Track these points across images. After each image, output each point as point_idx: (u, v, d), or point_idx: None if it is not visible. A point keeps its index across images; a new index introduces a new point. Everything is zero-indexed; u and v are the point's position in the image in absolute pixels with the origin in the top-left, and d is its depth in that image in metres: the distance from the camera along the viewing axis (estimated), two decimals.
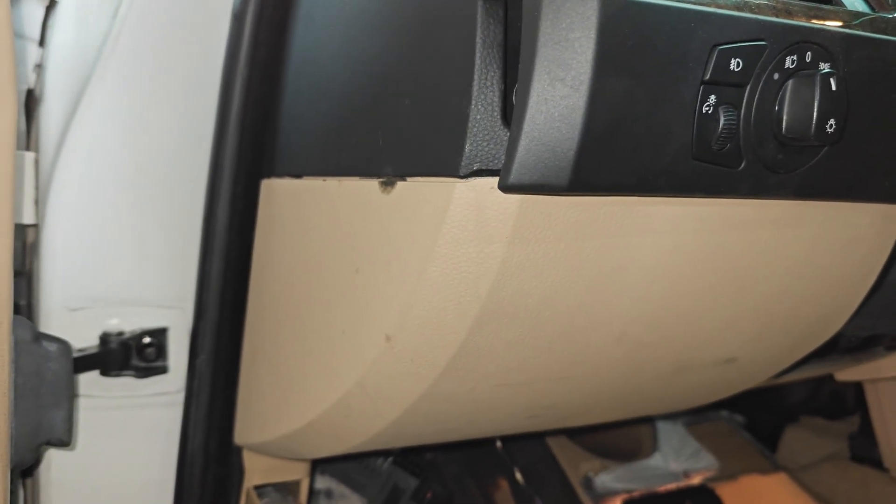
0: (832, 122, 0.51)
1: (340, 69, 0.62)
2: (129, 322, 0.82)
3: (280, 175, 0.72)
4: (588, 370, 0.64)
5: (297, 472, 0.88)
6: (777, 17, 0.53)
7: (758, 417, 1.51)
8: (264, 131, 0.73)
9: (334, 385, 0.63)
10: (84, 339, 0.80)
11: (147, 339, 0.82)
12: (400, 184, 0.55)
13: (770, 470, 1.31)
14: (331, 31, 0.64)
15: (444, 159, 0.51)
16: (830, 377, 1.20)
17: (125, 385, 0.82)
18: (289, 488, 0.90)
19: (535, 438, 1.24)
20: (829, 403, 1.43)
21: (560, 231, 0.52)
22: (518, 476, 1.16)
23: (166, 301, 0.83)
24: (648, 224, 0.55)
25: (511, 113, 0.49)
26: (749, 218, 0.59)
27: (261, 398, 0.75)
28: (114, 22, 0.77)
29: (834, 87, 0.51)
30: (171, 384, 0.84)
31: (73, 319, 0.80)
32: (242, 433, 0.79)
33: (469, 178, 0.50)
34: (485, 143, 0.50)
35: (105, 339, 0.80)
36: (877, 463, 1.31)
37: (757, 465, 1.32)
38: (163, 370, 0.83)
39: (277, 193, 0.72)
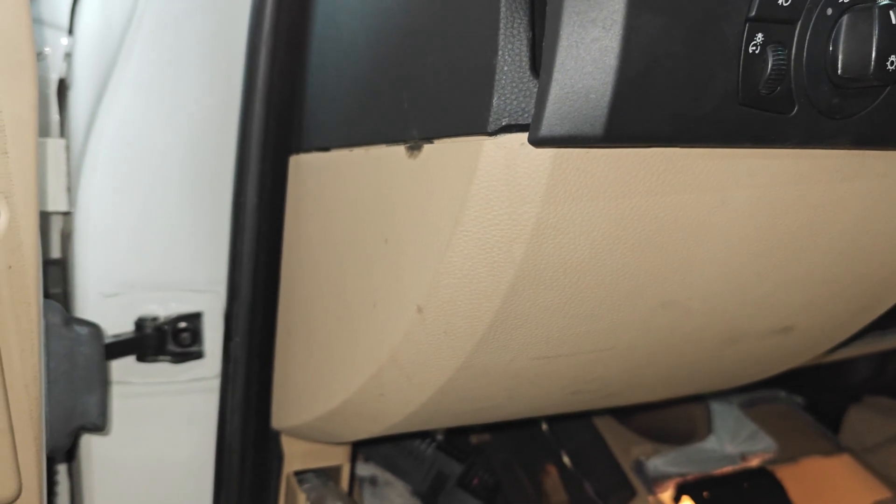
0: (893, 58, 0.47)
1: (362, 32, 0.60)
2: (164, 307, 0.81)
3: (308, 150, 0.70)
4: (632, 340, 0.61)
5: (338, 458, 0.86)
6: None
7: (819, 398, 1.45)
8: (291, 105, 0.71)
9: (367, 361, 0.61)
10: (120, 325, 0.79)
11: (182, 324, 0.81)
12: (427, 147, 0.53)
13: (833, 451, 1.25)
14: None
15: (470, 116, 0.48)
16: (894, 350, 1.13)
17: (162, 371, 0.82)
18: (329, 474, 0.88)
19: (583, 422, 1.20)
20: (895, 382, 1.36)
21: (597, 189, 0.49)
22: (566, 460, 1.13)
23: (200, 285, 0.82)
24: (693, 180, 0.51)
25: (539, 63, 0.46)
26: (803, 171, 0.54)
27: (296, 379, 0.74)
28: (136, 4, 0.76)
29: (895, 21, 0.46)
30: (208, 369, 0.83)
31: (108, 305, 0.79)
32: (279, 416, 0.78)
33: (498, 135, 0.47)
34: (513, 97, 0.46)
35: (140, 324, 0.79)
36: None
37: (819, 447, 1.26)
38: (199, 355, 0.82)
39: (305, 169, 0.70)
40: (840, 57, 0.47)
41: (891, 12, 0.46)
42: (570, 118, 0.43)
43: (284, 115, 0.72)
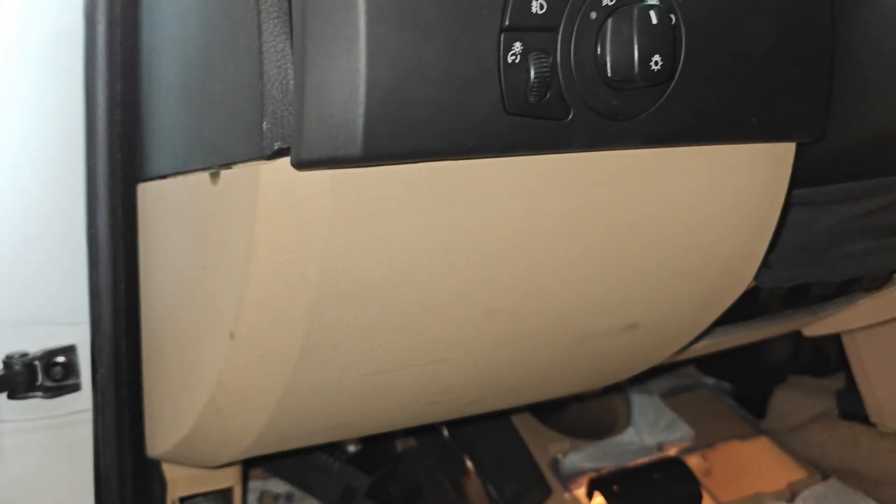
0: (657, 58, 0.47)
1: (171, 62, 0.60)
2: (34, 342, 0.80)
3: (151, 178, 0.70)
4: (465, 349, 0.61)
5: (227, 480, 0.86)
6: None
7: (745, 382, 1.46)
8: (132, 134, 0.71)
9: (201, 387, 0.60)
10: None
11: (56, 359, 0.80)
12: (224, 173, 0.53)
13: (751, 435, 1.26)
14: (164, 23, 0.61)
15: (250, 142, 0.48)
16: (799, 333, 1.14)
17: (38, 407, 0.81)
18: (222, 496, 0.88)
19: (501, 422, 1.21)
20: (813, 360, 1.37)
21: (383, 206, 0.49)
22: (469, 465, 1.13)
23: (72, 317, 0.81)
24: (489, 190, 0.52)
25: None
26: (609, 170, 0.55)
27: (159, 406, 0.73)
28: None
29: (655, 21, 0.47)
30: (87, 401, 0.82)
31: None
32: (152, 444, 0.77)
33: (274, 159, 0.47)
34: (284, 120, 0.46)
35: (8, 362, 0.79)
36: (865, 418, 1.25)
37: (737, 432, 1.27)
38: (76, 388, 0.81)
39: (150, 197, 0.70)
40: (608, 60, 0.47)
41: (651, 12, 0.47)
42: (328, 140, 0.43)
43: (127, 143, 0.71)
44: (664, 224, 0.59)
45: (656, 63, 0.47)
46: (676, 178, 0.57)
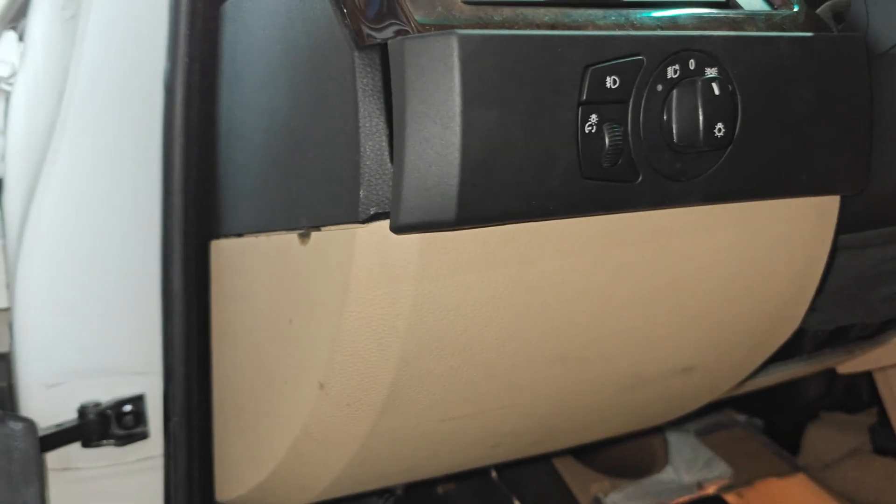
0: (720, 126, 0.51)
1: (257, 128, 0.64)
2: (106, 392, 0.84)
3: (226, 235, 0.74)
4: (536, 394, 0.64)
5: None
6: (659, 30, 0.53)
7: (777, 419, 1.48)
8: (207, 194, 0.75)
9: (285, 434, 0.64)
10: (64, 413, 0.82)
11: (125, 408, 0.84)
12: (314, 234, 0.57)
13: (788, 472, 1.28)
14: (248, 92, 0.66)
15: (345, 207, 0.52)
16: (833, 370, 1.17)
17: (108, 454, 0.84)
18: None
19: (543, 462, 1.23)
20: (846, 397, 1.39)
21: (466, 264, 0.53)
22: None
23: (141, 367, 0.85)
24: (561, 246, 0.55)
25: None
26: (670, 226, 0.59)
27: (232, 453, 0.77)
28: (59, 107, 0.80)
29: (717, 92, 0.51)
30: (155, 448, 0.86)
31: (51, 395, 0.82)
32: (222, 489, 0.80)
33: (368, 223, 0.51)
34: (378, 188, 0.51)
35: (83, 411, 0.82)
36: None
37: (774, 469, 1.29)
38: (143, 436, 0.85)
39: (225, 253, 0.74)
40: (675, 127, 0.52)
41: (713, 84, 0.51)
42: (424, 207, 0.48)
43: (201, 204, 0.76)
44: (719, 273, 0.63)
45: (719, 130, 0.51)
46: (731, 230, 0.61)
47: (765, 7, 0.60)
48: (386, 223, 0.51)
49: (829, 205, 0.65)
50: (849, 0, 0.64)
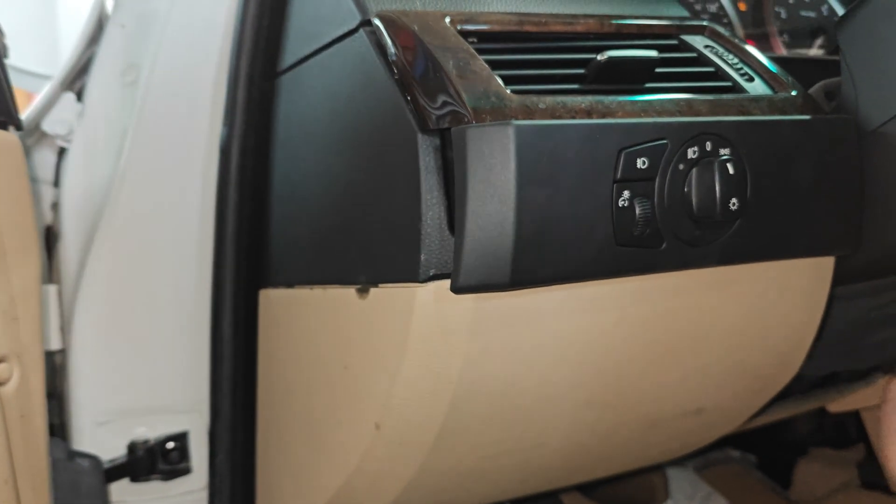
0: (734, 200, 0.59)
1: (313, 191, 0.71)
2: (152, 429, 0.90)
3: (275, 285, 0.81)
4: (564, 435, 0.71)
5: None
6: (679, 115, 0.61)
7: (770, 454, 1.55)
8: (258, 248, 0.82)
9: (337, 471, 0.70)
10: (113, 449, 0.88)
11: (170, 444, 0.89)
12: (373, 290, 0.63)
13: None
14: (303, 156, 0.73)
15: (405, 268, 0.59)
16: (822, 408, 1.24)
17: (154, 488, 0.90)
18: None
19: (551, 497, 1.29)
20: (835, 434, 1.47)
21: (512, 319, 0.60)
22: None
23: (184, 406, 0.91)
24: (593, 303, 0.63)
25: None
26: (686, 285, 0.66)
27: (277, 490, 0.82)
28: (118, 163, 0.87)
29: (731, 171, 0.59)
30: (196, 482, 0.91)
31: (101, 432, 0.88)
32: None
33: (427, 283, 0.58)
34: (437, 252, 0.58)
35: (132, 448, 0.88)
36: (886, 488, 1.34)
37: None
38: (187, 471, 0.90)
39: (274, 302, 0.81)
40: (694, 200, 0.59)
41: (728, 165, 0.59)
42: (482, 271, 0.55)
43: (253, 255, 0.82)
44: (729, 325, 0.70)
45: (734, 203, 0.59)
46: (740, 287, 0.69)
47: (767, 91, 0.68)
48: (442, 283, 0.58)
49: (826, 263, 0.73)
50: (839, 81, 0.72)
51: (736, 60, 0.70)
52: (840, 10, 1.13)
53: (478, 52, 0.60)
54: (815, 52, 1.08)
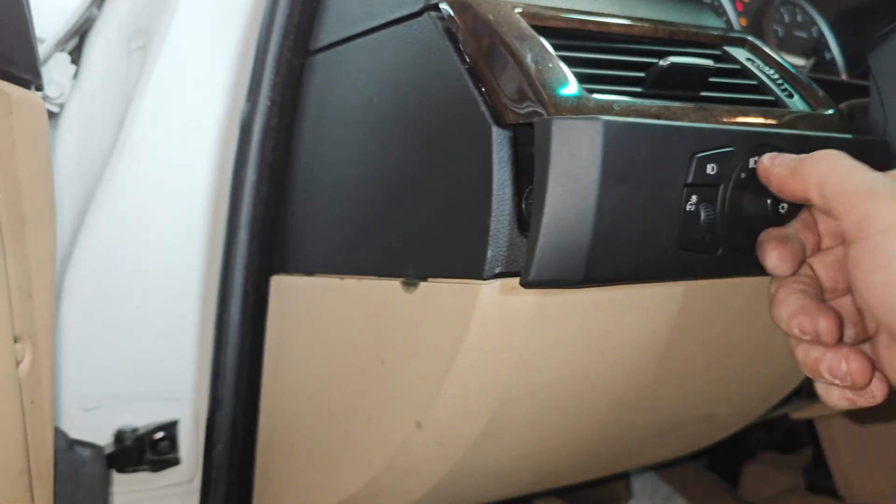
0: (783, 205, 0.60)
1: (353, 177, 0.69)
2: (141, 417, 0.85)
3: (291, 272, 0.77)
4: (592, 436, 0.71)
5: None
6: (736, 120, 0.62)
7: (718, 456, 1.60)
8: (273, 231, 0.79)
9: (363, 468, 0.68)
10: (99, 437, 0.83)
11: (160, 434, 0.85)
12: (423, 284, 0.62)
13: None
14: (341, 140, 0.70)
15: (467, 263, 0.58)
16: (784, 414, 1.29)
17: (141, 479, 0.85)
18: None
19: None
20: (784, 439, 1.53)
21: (570, 315, 0.59)
22: None
23: (176, 394, 0.86)
24: (642, 303, 0.63)
25: (524, 222, 0.57)
26: (728, 291, 0.67)
27: (279, 484, 0.79)
28: (119, 134, 0.82)
29: None
30: (184, 474, 0.87)
31: (87, 419, 0.82)
32: None
33: (491, 280, 0.57)
34: (503, 249, 0.56)
35: (120, 436, 0.83)
36: (832, 492, 1.41)
37: None
38: (175, 462, 0.86)
39: (289, 289, 0.77)
40: (752, 209, 0.60)
41: None
42: (554, 266, 0.53)
43: (267, 238, 0.79)
44: (752, 336, 0.72)
45: (783, 207, 0.60)
46: (763, 300, 0.70)
47: (806, 107, 0.70)
48: (506, 281, 0.57)
49: None
50: (866, 102, 0.75)
51: (776, 75, 0.72)
52: (829, 34, 1.18)
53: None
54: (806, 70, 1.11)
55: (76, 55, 0.87)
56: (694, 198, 0.57)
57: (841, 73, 1.15)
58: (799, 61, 1.12)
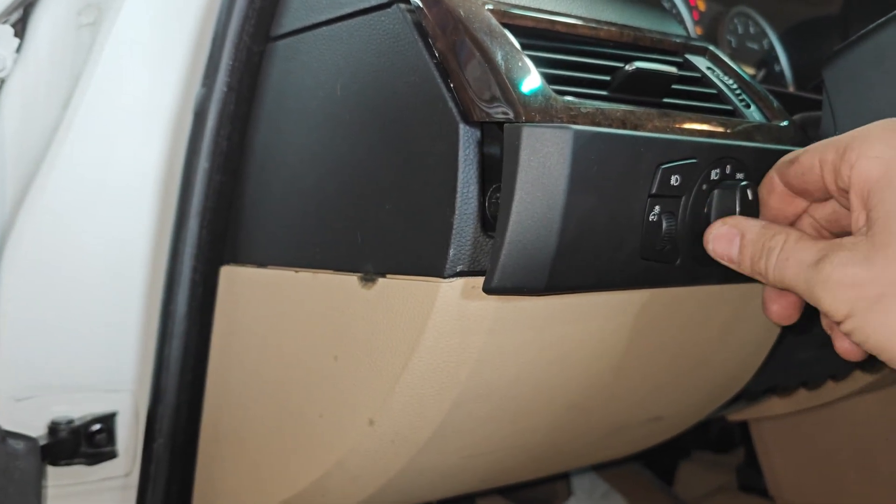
0: None
1: (312, 169, 0.67)
2: (77, 408, 0.82)
3: (242, 263, 0.75)
4: (544, 436, 0.71)
5: None
6: (700, 135, 0.62)
7: (655, 454, 1.64)
8: (225, 221, 0.76)
9: (313, 465, 0.66)
10: (32, 428, 0.79)
11: (97, 426, 0.82)
12: (381, 280, 0.60)
13: None
14: (300, 131, 0.69)
15: (427, 261, 0.57)
16: (720, 416, 1.33)
17: (74, 473, 0.82)
18: None
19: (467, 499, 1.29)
20: (718, 439, 1.57)
21: (529, 322, 0.59)
22: None
23: (114, 385, 0.83)
24: (601, 309, 0.63)
25: (486, 221, 0.56)
26: (683, 298, 0.68)
27: (224, 480, 0.77)
28: (64, 113, 0.78)
29: (750, 197, 0.61)
30: (121, 468, 0.84)
31: (19, 409, 0.79)
32: None
33: (452, 279, 0.56)
34: (466, 248, 0.56)
35: (54, 428, 0.79)
36: (762, 492, 1.45)
37: (661, 502, 1.43)
38: (112, 455, 0.83)
39: (240, 281, 0.75)
40: (712, 220, 0.61)
41: (748, 190, 0.61)
42: (518, 273, 0.53)
43: (218, 229, 0.76)
44: (696, 342, 0.73)
45: None
46: (726, 304, 0.71)
47: (762, 118, 0.71)
48: (467, 280, 0.56)
49: None
50: (817, 116, 0.77)
51: (735, 85, 0.73)
52: (779, 47, 1.21)
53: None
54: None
55: (20, 28, 0.83)
56: (657, 208, 0.58)
57: (789, 86, 1.19)
58: (749, 71, 1.14)
